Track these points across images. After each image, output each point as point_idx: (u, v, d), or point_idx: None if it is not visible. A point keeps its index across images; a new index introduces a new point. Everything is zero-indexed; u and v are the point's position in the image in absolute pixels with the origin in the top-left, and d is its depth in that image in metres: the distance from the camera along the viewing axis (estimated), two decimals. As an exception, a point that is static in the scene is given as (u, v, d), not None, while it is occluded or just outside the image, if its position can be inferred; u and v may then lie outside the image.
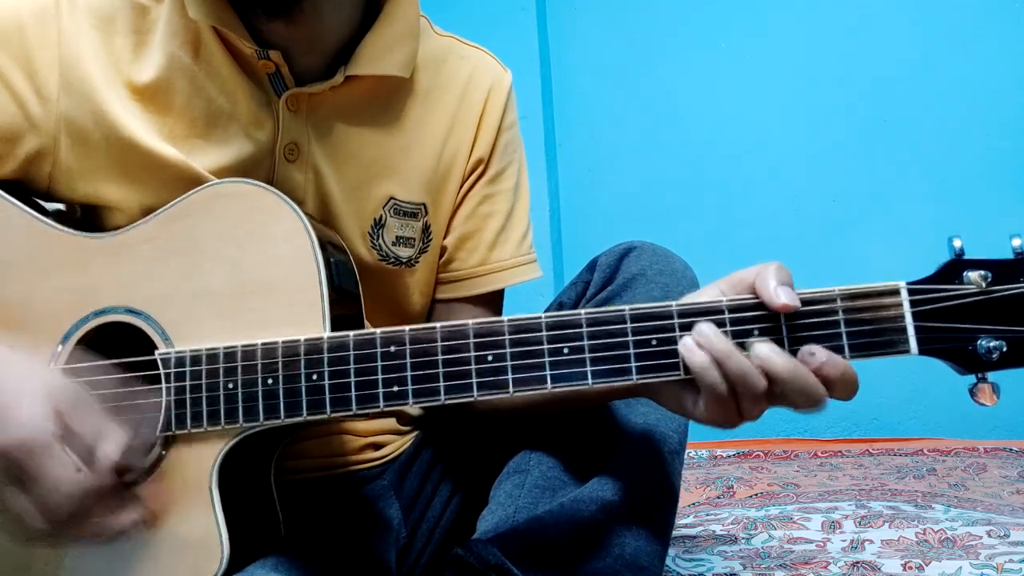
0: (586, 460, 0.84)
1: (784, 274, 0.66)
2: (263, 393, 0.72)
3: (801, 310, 0.66)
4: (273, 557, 0.79)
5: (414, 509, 0.96)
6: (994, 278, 0.64)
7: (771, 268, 0.66)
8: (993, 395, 0.65)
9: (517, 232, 0.98)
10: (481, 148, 0.95)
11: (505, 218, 0.96)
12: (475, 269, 0.95)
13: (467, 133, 0.94)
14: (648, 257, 0.90)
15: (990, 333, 0.64)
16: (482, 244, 0.95)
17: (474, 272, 0.95)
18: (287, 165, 0.85)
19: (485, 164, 0.95)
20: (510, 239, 0.97)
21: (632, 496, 0.80)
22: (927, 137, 2.22)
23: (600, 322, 0.68)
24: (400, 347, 0.70)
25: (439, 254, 0.95)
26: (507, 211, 0.97)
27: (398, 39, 0.88)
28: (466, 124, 0.94)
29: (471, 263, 0.95)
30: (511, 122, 0.99)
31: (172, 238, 0.78)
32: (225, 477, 0.74)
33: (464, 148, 0.94)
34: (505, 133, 0.97)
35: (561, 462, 0.84)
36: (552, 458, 0.85)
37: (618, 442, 0.84)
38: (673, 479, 0.86)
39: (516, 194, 0.98)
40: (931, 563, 1.10)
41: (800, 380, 0.64)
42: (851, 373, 0.65)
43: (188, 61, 0.82)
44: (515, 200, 0.98)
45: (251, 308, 0.75)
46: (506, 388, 0.68)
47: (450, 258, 0.95)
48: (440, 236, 0.95)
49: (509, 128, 0.98)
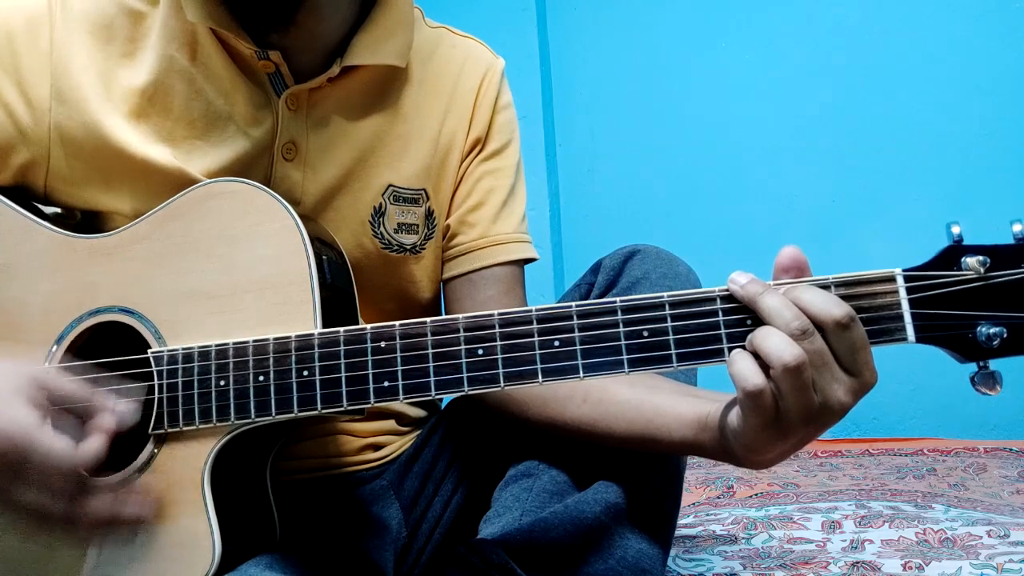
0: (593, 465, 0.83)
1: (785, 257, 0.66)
2: (254, 390, 0.72)
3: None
4: (267, 556, 0.79)
5: (415, 509, 0.96)
6: (993, 263, 0.63)
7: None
8: (996, 384, 0.63)
9: (518, 210, 0.97)
10: (478, 128, 0.95)
11: (507, 193, 0.96)
12: (477, 242, 0.94)
13: (463, 115, 0.94)
14: (652, 261, 0.90)
15: (990, 320, 0.63)
16: (484, 218, 0.94)
17: (477, 244, 0.94)
18: (285, 164, 0.85)
19: (483, 142, 0.95)
20: (513, 215, 0.96)
21: (636, 499, 0.80)
22: (927, 137, 2.22)
23: (591, 314, 0.67)
24: (390, 342, 0.70)
25: (443, 235, 0.95)
26: (509, 187, 0.96)
27: (393, 29, 0.88)
28: (462, 107, 0.94)
29: (473, 236, 0.94)
30: (506, 103, 0.99)
31: (165, 238, 0.78)
32: (218, 476, 0.74)
33: (461, 130, 0.94)
34: (501, 113, 0.97)
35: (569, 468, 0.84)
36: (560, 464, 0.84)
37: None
38: (677, 482, 0.85)
39: (517, 173, 0.98)
40: (931, 563, 1.10)
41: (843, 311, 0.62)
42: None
43: (185, 63, 0.82)
44: (516, 178, 0.98)
45: (243, 307, 0.75)
46: (497, 382, 0.68)
47: (453, 234, 0.95)
48: (443, 220, 0.95)
49: (505, 108, 0.98)
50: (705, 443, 0.73)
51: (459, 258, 0.94)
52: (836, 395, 0.63)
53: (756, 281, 0.65)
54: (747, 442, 0.67)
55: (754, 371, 0.63)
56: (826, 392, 0.63)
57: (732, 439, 0.68)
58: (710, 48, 2.47)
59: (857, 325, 0.62)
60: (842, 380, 0.63)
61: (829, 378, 0.62)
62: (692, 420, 0.73)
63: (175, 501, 0.73)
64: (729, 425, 0.68)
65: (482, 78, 0.96)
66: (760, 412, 0.63)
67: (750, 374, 0.63)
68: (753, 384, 0.62)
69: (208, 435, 0.73)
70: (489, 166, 0.95)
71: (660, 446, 0.77)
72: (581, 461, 0.83)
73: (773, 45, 2.40)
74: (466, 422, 0.97)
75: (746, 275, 0.66)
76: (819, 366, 0.62)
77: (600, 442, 0.81)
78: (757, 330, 0.64)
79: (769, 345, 0.62)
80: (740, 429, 0.66)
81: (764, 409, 0.63)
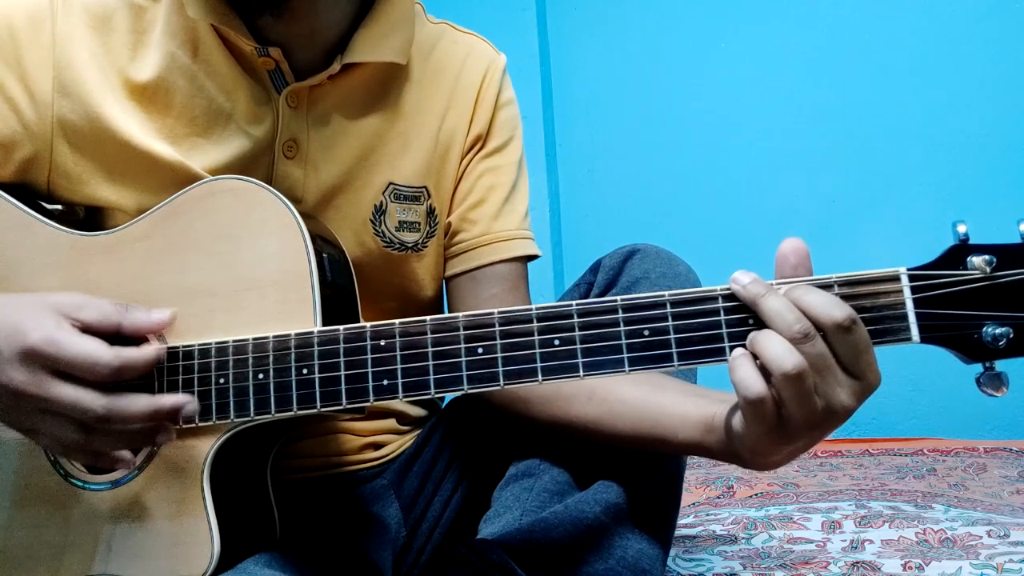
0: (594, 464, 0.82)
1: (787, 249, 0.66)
2: (254, 388, 0.72)
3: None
4: (267, 554, 0.79)
5: (414, 508, 0.96)
6: (999, 263, 0.62)
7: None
8: (1002, 385, 0.63)
9: (521, 207, 0.97)
10: (479, 124, 0.95)
11: (509, 191, 0.96)
12: (479, 239, 0.93)
13: (464, 112, 0.94)
14: (652, 260, 0.89)
15: (996, 320, 0.62)
16: (486, 216, 0.94)
17: (479, 242, 0.93)
18: (286, 161, 0.85)
19: (484, 139, 0.95)
20: (515, 212, 0.96)
21: (636, 499, 0.80)
22: (927, 137, 2.21)
23: (592, 313, 0.67)
24: (390, 340, 0.70)
25: (445, 233, 0.95)
26: (511, 184, 0.96)
27: (394, 26, 0.88)
28: (463, 104, 0.94)
29: (475, 233, 0.94)
30: (508, 99, 0.98)
31: (166, 235, 0.78)
32: (218, 473, 0.74)
33: (462, 126, 0.94)
34: (502, 109, 0.97)
35: (570, 466, 0.84)
36: (561, 463, 0.84)
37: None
38: (677, 482, 0.85)
39: (519, 170, 0.98)
40: (931, 563, 1.09)
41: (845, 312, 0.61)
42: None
43: (187, 60, 0.82)
44: (518, 175, 0.97)
45: (244, 304, 0.75)
46: (496, 381, 0.67)
47: (455, 231, 0.94)
48: (445, 218, 0.94)
49: (506, 105, 0.98)
50: (711, 445, 0.72)
51: (461, 256, 0.94)
52: (839, 398, 0.62)
53: (759, 281, 0.65)
54: (751, 446, 0.66)
55: (755, 378, 0.62)
56: (829, 396, 0.62)
57: (737, 442, 0.68)
58: (710, 48, 2.47)
59: (859, 327, 0.62)
60: (845, 383, 0.62)
61: (832, 382, 0.62)
62: (698, 421, 0.73)
63: (174, 499, 0.74)
64: (734, 428, 0.68)
65: (483, 74, 0.96)
66: (762, 419, 0.63)
67: (751, 382, 0.62)
68: (755, 393, 0.62)
69: (208, 433, 0.74)
70: (490, 163, 0.95)
71: (666, 446, 0.77)
72: (583, 460, 0.83)
73: (773, 45, 2.39)
74: (467, 421, 0.97)
75: (749, 274, 0.65)
76: (821, 370, 0.62)
77: (605, 441, 0.81)
78: (758, 333, 0.63)
79: (769, 352, 0.62)
80: (744, 433, 0.66)
81: (766, 416, 0.63)
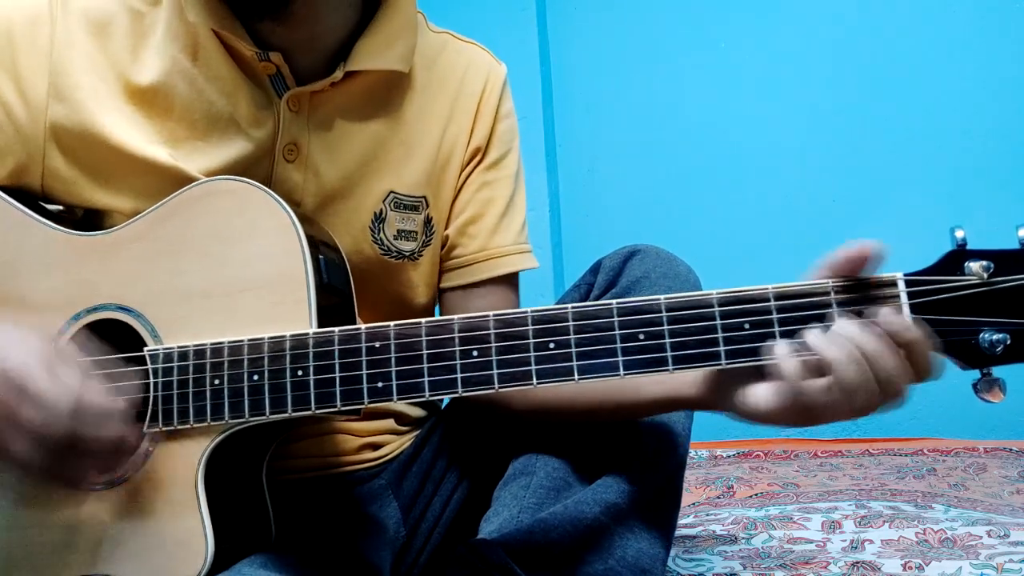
0: (592, 462, 0.83)
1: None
2: (249, 389, 0.72)
3: (794, 302, 0.65)
4: (262, 555, 0.79)
5: (414, 508, 0.96)
6: (997, 269, 0.62)
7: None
8: (999, 391, 0.63)
9: (518, 220, 0.98)
10: (479, 136, 0.95)
11: (506, 204, 0.96)
12: (477, 255, 0.94)
13: (465, 123, 0.94)
14: (652, 260, 0.89)
15: (993, 326, 0.62)
16: (483, 230, 0.94)
17: (476, 258, 0.94)
18: (286, 165, 0.85)
19: (483, 152, 0.95)
20: (512, 225, 0.96)
21: (635, 498, 0.80)
22: (927, 137, 2.21)
23: (587, 316, 0.67)
24: (385, 342, 0.70)
25: (441, 245, 0.95)
26: (508, 197, 0.96)
27: (396, 34, 0.88)
28: (463, 114, 0.94)
29: (472, 248, 0.94)
30: (508, 111, 0.99)
31: (163, 236, 0.78)
32: (212, 475, 0.74)
33: (462, 137, 0.94)
34: (502, 121, 0.97)
35: (567, 464, 0.84)
36: (558, 460, 0.84)
37: (623, 444, 0.83)
38: (676, 482, 0.85)
39: (516, 182, 0.98)
40: (931, 563, 1.09)
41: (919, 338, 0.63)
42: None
43: (187, 64, 0.82)
44: (515, 188, 0.98)
45: (240, 305, 0.75)
46: (491, 384, 0.67)
47: (452, 245, 0.95)
48: (442, 228, 0.95)
49: (506, 117, 0.98)
50: (691, 395, 0.75)
51: (458, 270, 0.95)
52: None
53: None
54: (767, 421, 0.69)
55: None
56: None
57: (743, 409, 0.71)
58: (710, 48, 2.46)
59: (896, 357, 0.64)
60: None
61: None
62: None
63: (169, 499, 0.73)
64: (747, 406, 0.70)
65: (484, 85, 0.96)
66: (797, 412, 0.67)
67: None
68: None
69: (203, 434, 0.74)
70: (488, 176, 0.95)
71: (639, 405, 0.81)
72: (580, 450, 0.84)
73: (773, 45, 2.39)
74: (466, 422, 0.97)
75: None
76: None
77: (582, 418, 0.84)
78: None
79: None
80: (762, 412, 0.69)
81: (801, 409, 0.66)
